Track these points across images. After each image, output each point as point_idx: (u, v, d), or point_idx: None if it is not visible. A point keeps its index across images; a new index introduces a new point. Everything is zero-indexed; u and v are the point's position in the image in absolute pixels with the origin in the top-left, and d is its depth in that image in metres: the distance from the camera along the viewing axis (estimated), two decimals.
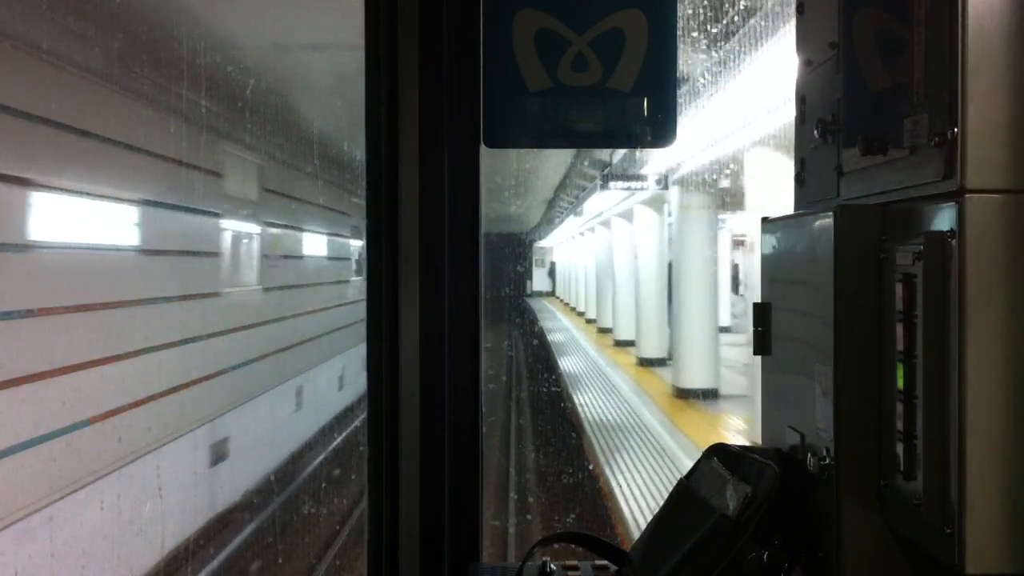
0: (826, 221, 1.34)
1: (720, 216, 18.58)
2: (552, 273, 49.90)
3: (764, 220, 1.69)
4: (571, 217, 31.23)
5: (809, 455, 1.38)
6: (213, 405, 8.31)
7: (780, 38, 7.78)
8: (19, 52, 5.61)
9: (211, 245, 8.96)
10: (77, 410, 5.94)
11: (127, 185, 7.09)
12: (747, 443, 1.50)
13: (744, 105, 9.95)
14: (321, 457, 11.09)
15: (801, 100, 1.67)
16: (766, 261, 1.68)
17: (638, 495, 9.35)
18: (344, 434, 12.16)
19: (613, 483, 9.96)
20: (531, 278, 45.77)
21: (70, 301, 6.04)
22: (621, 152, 16.89)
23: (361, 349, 2.17)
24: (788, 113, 1.86)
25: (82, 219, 6.44)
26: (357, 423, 12.18)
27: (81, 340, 6.10)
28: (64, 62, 6.18)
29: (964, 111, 1.10)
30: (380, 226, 2.04)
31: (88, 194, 6.56)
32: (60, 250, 6.12)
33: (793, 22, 1.75)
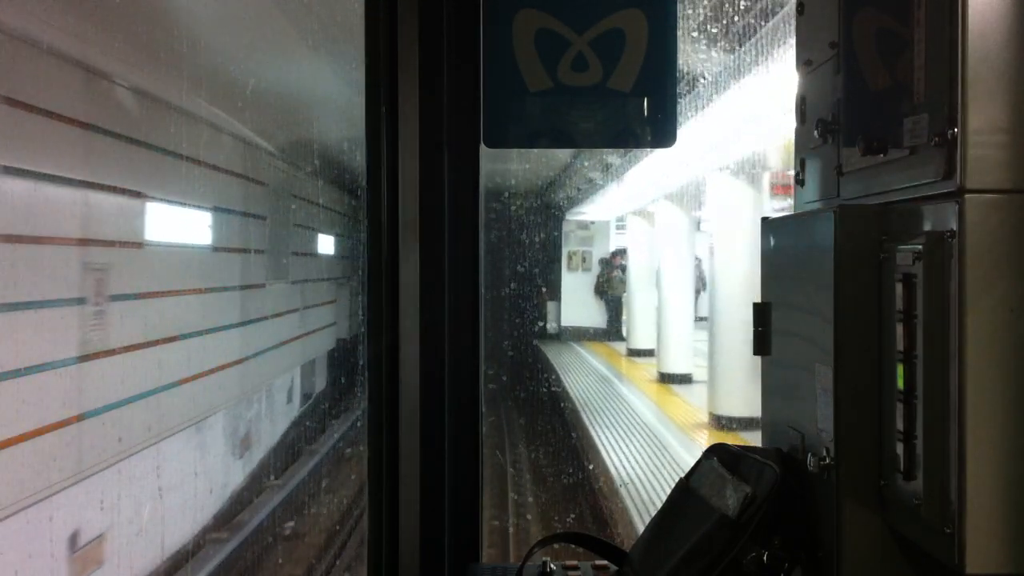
0: (826, 221, 1.34)
1: None
2: (608, 288, 20.93)
3: (764, 220, 1.69)
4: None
5: (809, 455, 1.38)
6: None
7: None
8: None
9: None
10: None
11: None
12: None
13: None
14: None
15: (801, 100, 1.67)
16: (766, 261, 1.68)
17: None
18: None
19: None
20: (557, 297, 20.74)
21: None
22: None
23: None
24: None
25: None
26: None
27: None
28: None
29: (964, 111, 1.10)
30: (380, 226, 2.04)
31: None
32: None
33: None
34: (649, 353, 16.68)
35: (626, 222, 19.78)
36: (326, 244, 14.52)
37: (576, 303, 21.11)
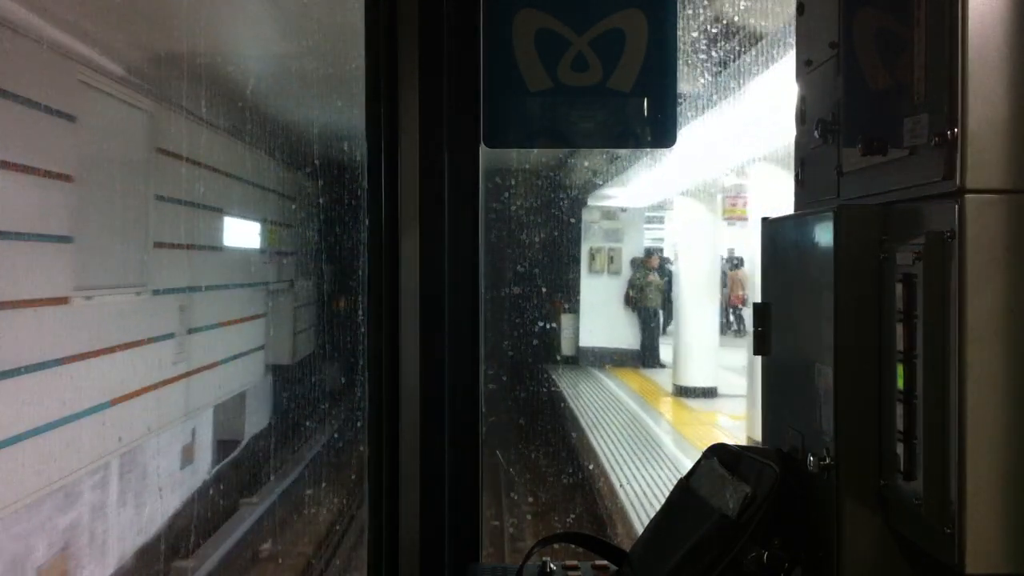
0: (826, 221, 1.34)
1: None
2: (644, 298, 15.65)
3: (764, 220, 1.69)
4: None
5: (809, 455, 1.38)
6: None
7: None
8: None
9: None
10: None
11: None
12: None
13: None
14: None
15: (801, 100, 1.67)
16: (766, 261, 1.68)
17: None
18: None
19: None
20: (575, 308, 16.10)
21: None
22: None
23: None
24: None
25: None
26: None
27: None
28: None
29: (964, 111, 1.10)
30: (380, 226, 2.04)
31: None
32: None
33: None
34: (707, 393, 12.17)
35: (663, 210, 15.60)
36: (246, 234, 10.00)
37: (600, 316, 16.02)
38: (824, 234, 1.35)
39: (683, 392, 12.61)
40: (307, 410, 10.72)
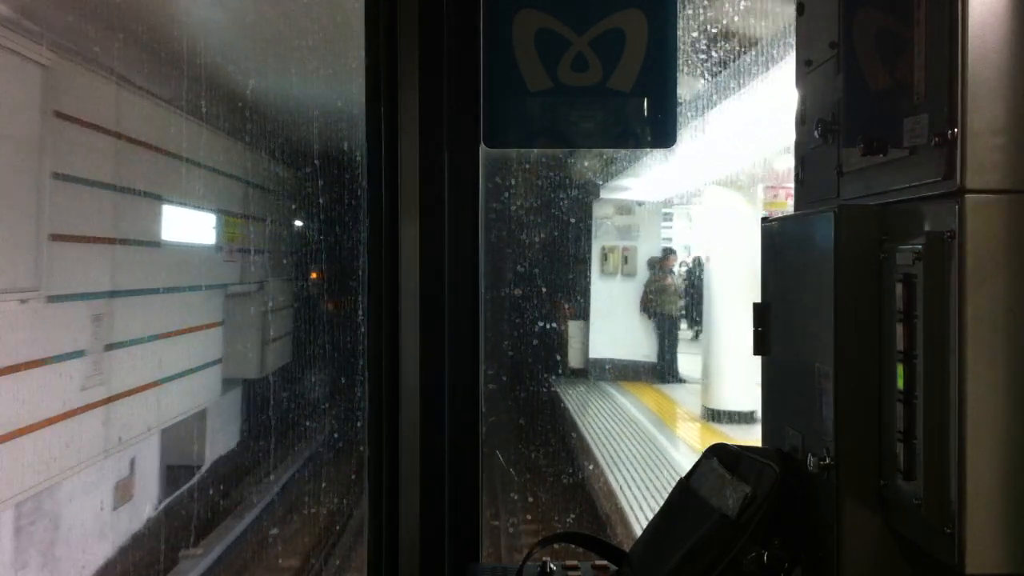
0: (826, 221, 1.34)
1: None
2: (662, 303, 13.61)
3: (764, 220, 1.69)
4: None
5: (809, 455, 1.38)
6: None
7: None
8: None
9: None
10: None
11: None
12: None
13: None
14: None
15: (801, 100, 1.67)
16: (766, 261, 1.68)
17: None
18: None
19: None
20: (585, 315, 13.66)
21: None
22: None
23: None
24: None
25: None
26: None
27: None
28: None
29: (964, 111, 1.10)
30: (380, 226, 2.04)
31: None
32: None
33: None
34: (745, 419, 10.20)
35: (687, 204, 13.88)
36: (194, 227, 8.26)
37: (613, 323, 14.01)
38: (824, 234, 1.35)
39: (716, 417, 10.56)
40: (273, 431, 9.28)
